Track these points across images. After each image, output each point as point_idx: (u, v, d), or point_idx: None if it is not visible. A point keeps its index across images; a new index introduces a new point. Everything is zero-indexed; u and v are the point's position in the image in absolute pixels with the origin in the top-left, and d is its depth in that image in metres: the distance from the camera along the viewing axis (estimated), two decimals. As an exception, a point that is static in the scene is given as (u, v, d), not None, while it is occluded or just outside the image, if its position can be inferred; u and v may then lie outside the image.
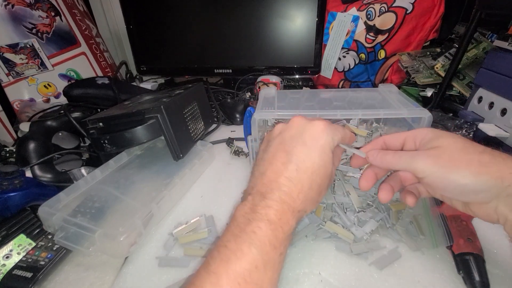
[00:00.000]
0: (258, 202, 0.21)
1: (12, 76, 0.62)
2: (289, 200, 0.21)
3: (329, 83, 0.68)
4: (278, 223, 0.20)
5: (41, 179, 0.39)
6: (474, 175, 0.19)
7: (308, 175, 0.22)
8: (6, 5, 0.58)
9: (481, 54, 0.50)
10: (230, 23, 0.64)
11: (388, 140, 0.26)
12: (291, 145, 0.23)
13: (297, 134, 0.24)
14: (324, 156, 0.23)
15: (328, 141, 0.23)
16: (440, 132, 0.22)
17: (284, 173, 0.22)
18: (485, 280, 0.24)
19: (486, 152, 0.20)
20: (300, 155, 0.22)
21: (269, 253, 0.19)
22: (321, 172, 0.23)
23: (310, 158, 0.22)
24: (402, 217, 0.30)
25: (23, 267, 0.28)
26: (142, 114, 0.36)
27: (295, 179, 0.22)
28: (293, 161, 0.22)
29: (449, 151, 0.20)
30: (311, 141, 0.23)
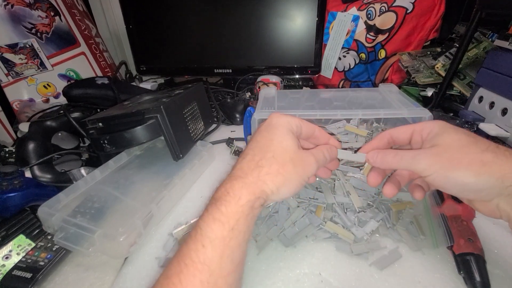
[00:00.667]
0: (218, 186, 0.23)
1: (11, 76, 0.62)
2: (238, 172, 0.22)
3: (329, 83, 0.68)
4: (223, 197, 0.21)
5: (40, 179, 0.39)
6: (475, 175, 0.19)
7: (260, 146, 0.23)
8: (6, 5, 0.57)
9: (481, 53, 0.50)
10: (230, 23, 0.64)
11: (395, 134, 0.25)
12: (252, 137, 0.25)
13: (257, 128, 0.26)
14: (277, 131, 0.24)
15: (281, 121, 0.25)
16: (446, 127, 0.22)
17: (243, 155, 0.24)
18: (485, 281, 0.24)
19: (489, 150, 0.19)
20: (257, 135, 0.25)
21: (215, 230, 0.20)
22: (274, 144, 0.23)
23: (262, 135, 0.24)
24: (402, 217, 0.30)
25: (23, 268, 0.28)
26: (142, 114, 0.36)
27: (247, 154, 0.23)
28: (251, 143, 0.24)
29: (452, 149, 0.20)
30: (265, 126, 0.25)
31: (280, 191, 0.22)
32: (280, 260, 0.28)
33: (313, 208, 0.32)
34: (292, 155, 0.23)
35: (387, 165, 0.24)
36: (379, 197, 0.32)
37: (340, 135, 0.37)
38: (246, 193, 0.21)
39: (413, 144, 0.24)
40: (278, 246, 0.29)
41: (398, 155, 0.23)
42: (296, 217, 0.31)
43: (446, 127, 0.22)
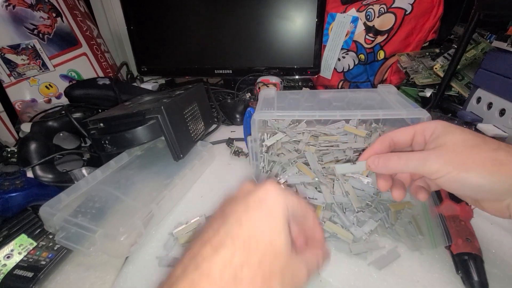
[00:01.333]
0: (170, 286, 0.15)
1: (13, 77, 0.62)
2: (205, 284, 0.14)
3: (328, 84, 0.68)
4: None
5: (42, 179, 0.39)
6: (489, 174, 0.18)
7: (243, 241, 0.16)
8: (7, 6, 0.58)
9: (479, 54, 0.50)
10: (230, 24, 0.65)
11: (396, 136, 0.24)
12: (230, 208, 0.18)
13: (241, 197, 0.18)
14: (271, 221, 0.17)
15: (280, 204, 0.17)
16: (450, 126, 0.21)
17: (211, 241, 0.16)
18: (483, 280, 0.24)
19: (501, 148, 0.18)
20: (237, 218, 0.17)
21: None
22: (264, 241, 0.16)
23: (250, 220, 0.17)
24: (401, 217, 0.31)
25: (24, 267, 0.28)
26: (143, 114, 0.36)
27: (223, 247, 0.15)
28: (227, 224, 0.16)
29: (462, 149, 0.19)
30: (255, 202, 0.17)
31: None
32: (279, 259, 0.28)
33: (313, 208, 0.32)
34: (283, 264, 0.16)
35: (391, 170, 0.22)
36: (378, 197, 0.33)
37: (339, 136, 0.37)
38: None
39: (414, 145, 0.23)
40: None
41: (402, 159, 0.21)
42: None
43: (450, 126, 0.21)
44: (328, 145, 0.37)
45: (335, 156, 0.35)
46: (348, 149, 0.36)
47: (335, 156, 0.35)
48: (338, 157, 0.35)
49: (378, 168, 0.22)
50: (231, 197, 0.19)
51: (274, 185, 0.18)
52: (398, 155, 0.22)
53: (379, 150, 0.24)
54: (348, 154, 0.35)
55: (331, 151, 0.36)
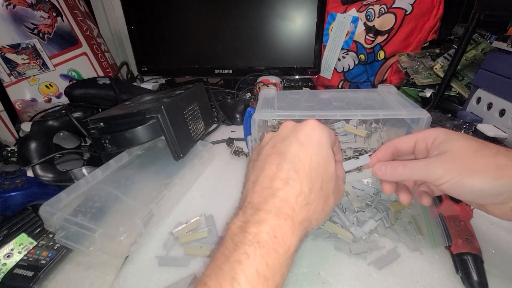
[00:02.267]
0: (249, 218, 0.18)
1: (14, 76, 0.62)
2: (286, 208, 0.18)
3: (328, 84, 0.69)
4: (271, 244, 0.16)
5: (42, 178, 0.39)
6: (492, 179, 0.19)
7: (306, 173, 0.19)
8: (8, 5, 0.58)
9: (480, 55, 0.50)
10: (231, 24, 0.65)
11: (399, 144, 0.25)
12: (283, 146, 0.21)
13: (289, 135, 0.22)
14: (322, 153, 0.21)
15: (325, 137, 0.21)
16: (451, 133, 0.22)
17: (278, 175, 0.19)
18: (483, 280, 0.24)
19: (500, 153, 0.19)
20: (295, 154, 0.20)
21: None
22: (321, 170, 0.20)
23: (307, 155, 0.20)
24: (401, 217, 0.31)
25: (24, 266, 0.28)
26: (143, 114, 0.36)
27: (291, 179, 0.19)
28: (287, 160, 0.20)
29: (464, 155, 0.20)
30: (306, 138, 0.21)
31: (316, 226, 0.20)
32: (279, 259, 0.28)
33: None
34: (334, 185, 0.21)
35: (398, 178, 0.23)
36: (378, 197, 0.33)
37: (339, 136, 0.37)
38: (296, 241, 0.18)
39: (417, 153, 0.24)
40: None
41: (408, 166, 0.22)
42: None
43: (451, 133, 0.22)
44: (328, 145, 0.37)
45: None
46: (348, 149, 0.35)
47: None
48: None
49: (385, 176, 0.23)
50: (278, 135, 0.23)
51: (316, 122, 0.22)
52: (404, 163, 0.22)
53: (382, 157, 0.25)
54: (348, 154, 0.35)
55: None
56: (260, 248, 0.16)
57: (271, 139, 0.23)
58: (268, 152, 0.21)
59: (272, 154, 0.21)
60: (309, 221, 0.19)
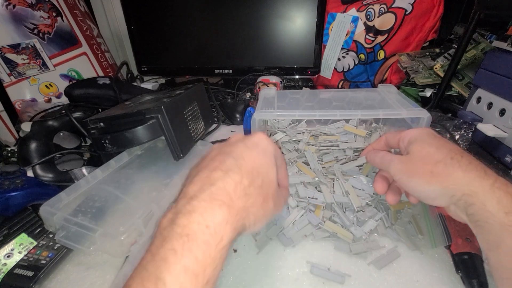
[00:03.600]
0: (180, 208, 0.16)
1: (13, 76, 0.62)
2: (222, 195, 0.17)
3: (328, 84, 0.68)
4: (201, 236, 0.15)
5: (42, 178, 0.39)
6: (425, 184, 0.21)
7: (248, 170, 0.19)
8: (7, 5, 0.58)
9: (480, 54, 0.50)
10: (231, 24, 0.64)
11: (388, 138, 0.28)
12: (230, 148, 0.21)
13: (237, 141, 0.22)
14: (266, 158, 0.21)
15: (270, 147, 0.22)
16: (420, 136, 0.24)
17: (219, 167, 0.19)
18: (483, 280, 0.24)
19: (442, 162, 0.21)
20: (240, 153, 0.20)
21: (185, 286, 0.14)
22: (262, 172, 0.20)
23: (251, 156, 0.20)
24: (401, 217, 0.31)
25: (24, 266, 0.28)
26: (143, 114, 0.36)
27: (232, 171, 0.18)
28: (231, 157, 0.20)
29: (414, 159, 0.23)
30: (252, 144, 0.22)
31: (254, 227, 0.19)
32: (279, 259, 0.28)
33: (312, 207, 0.32)
34: (274, 191, 0.21)
35: (374, 164, 0.28)
36: (378, 196, 0.33)
37: (339, 135, 0.37)
38: (230, 231, 0.16)
39: (400, 149, 0.27)
40: (277, 245, 0.30)
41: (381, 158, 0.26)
42: (295, 216, 0.31)
43: (420, 135, 0.24)
44: (328, 144, 0.37)
45: (335, 155, 0.35)
46: (348, 148, 0.36)
47: (335, 156, 0.35)
48: (338, 156, 0.35)
49: (368, 159, 0.28)
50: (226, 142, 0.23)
51: (264, 134, 0.23)
52: (383, 154, 0.26)
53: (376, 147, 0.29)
54: (348, 154, 0.35)
55: (331, 150, 0.36)
56: (189, 241, 0.15)
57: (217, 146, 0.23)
58: (213, 154, 0.21)
59: (217, 155, 0.21)
60: (246, 213, 0.18)
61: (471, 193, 0.19)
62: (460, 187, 0.20)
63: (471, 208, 0.19)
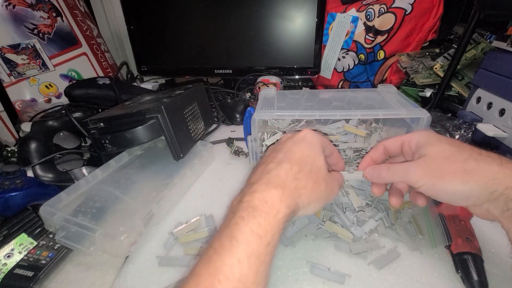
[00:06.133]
0: (245, 191, 0.21)
1: (13, 77, 0.62)
2: (276, 180, 0.21)
3: (328, 84, 0.69)
4: (262, 208, 0.20)
5: (42, 178, 0.39)
6: (460, 184, 0.20)
7: (296, 159, 0.23)
8: (7, 6, 0.58)
9: (479, 54, 0.50)
10: (230, 24, 0.64)
11: (388, 145, 0.27)
12: (280, 146, 0.25)
13: (286, 139, 0.26)
14: (312, 148, 0.24)
15: (316, 139, 0.25)
16: (431, 137, 0.23)
17: (273, 160, 0.23)
18: (483, 280, 0.24)
19: (471, 158, 0.20)
20: (288, 148, 0.24)
21: (252, 244, 0.18)
22: (310, 160, 0.23)
23: (299, 148, 0.24)
24: (401, 217, 0.31)
25: (25, 266, 0.28)
26: (143, 114, 0.36)
27: (283, 162, 0.23)
28: (281, 152, 0.24)
29: (438, 160, 0.22)
30: (299, 139, 0.25)
31: (309, 207, 0.23)
32: (279, 259, 0.28)
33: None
34: (324, 175, 0.24)
35: (383, 180, 0.26)
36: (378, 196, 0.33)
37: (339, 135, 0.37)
38: (284, 207, 0.20)
39: (404, 154, 0.26)
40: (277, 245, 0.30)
41: (391, 170, 0.24)
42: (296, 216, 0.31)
43: (431, 137, 0.23)
44: (328, 144, 0.37)
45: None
46: (348, 148, 0.35)
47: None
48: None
49: (372, 178, 0.26)
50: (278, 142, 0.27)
51: (310, 130, 0.26)
52: (388, 166, 0.25)
53: (374, 156, 0.27)
54: (348, 154, 0.35)
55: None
56: (253, 211, 0.19)
57: (272, 147, 0.27)
58: (268, 152, 0.26)
59: (271, 153, 0.25)
60: (298, 194, 0.22)
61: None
62: (501, 181, 0.19)
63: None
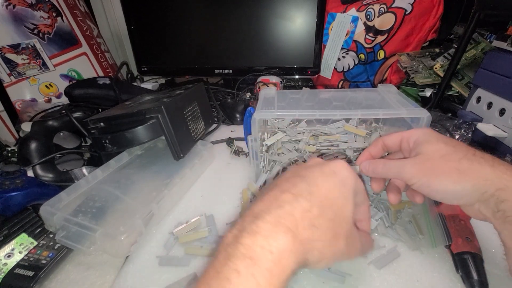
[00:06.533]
0: (245, 226, 0.16)
1: (14, 76, 0.62)
2: (288, 221, 0.16)
3: (328, 83, 0.69)
4: (265, 262, 0.15)
5: (42, 178, 0.39)
6: (453, 183, 0.20)
7: (320, 198, 0.18)
8: (8, 6, 0.58)
9: (479, 54, 0.50)
10: (230, 24, 0.64)
11: (387, 141, 0.26)
12: (305, 171, 0.20)
13: (314, 165, 0.21)
14: (343, 190, 0.19)
15: (351, 179, 0.20)
16: (429, 136, 0.23)
17: (290, 190, 0.18)
18: (483, 279, 0.24)
19: (465, 158, 0.20)
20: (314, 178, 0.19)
21: None
22: (336, 206, 0.18)
23: (326, 184, 0.19)
24: (401, 217, 0.31)
25: (25, 266, 0.28)
26: (143, 114, 0.36)
27: (302, 197, 0.17)
28: (304, 181, 0.19)
29: (432, 159, 0.21)
30: (330, 172, 0.20)
31: (319, 264, 0.18)
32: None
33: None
34: (348, 230, 0.19)
35: (378, 175, 0.25)
36: (378, 196, 0.33)
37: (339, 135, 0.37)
38: (293, 261, 0.16)
39: (402, 150, 0.25)
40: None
41: (386, 166, 0.24)
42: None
43: (429, 135, 0.23)
44: (328, 144, 0.37)
45: (335, 155, 0.35)
46: (348, 148, 0.36)
47: (335, 156, 0.35)
48: (338, 156, 0.35)
49: (368, 172, 0.25)
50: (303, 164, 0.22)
51: (346, 163, 0.21)
52: (384, 161, 0.24)
53: (373, 151, 0.27)
54: (348, 154, 0.35)
55: (331, 150, 0.36)
56: (253, 265, 0.14)
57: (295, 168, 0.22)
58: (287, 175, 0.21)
59: (292, 177, 0.20)
60: (311, 247, 0.17)
61: (505, 187, 0.18)
62: (492, 182, 0.19)
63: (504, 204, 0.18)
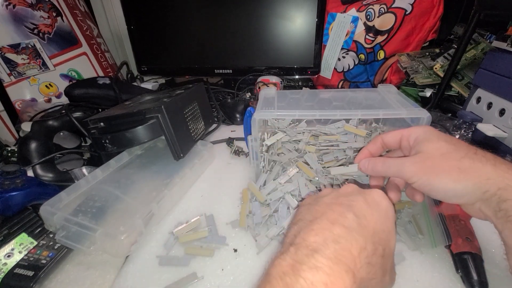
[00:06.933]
0: (303, 258, 0.16)
1: (14, 76, 0.62)
2: (348, 259, 0.16)
3: (328, 84, 0.69)
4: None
5: (42, 178, 0.39)
6: (454, 182, 0.20)
7: (370, 233, 0.18)
8: (8, 5, 0.58)
9: (479, 54, 0.50)
10: (231, 24, 0.65)
11: (386, 138, 0.26)
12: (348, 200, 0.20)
13: (355, 193, 0.21)
14: (388, 223, 0.19)
15: (392, 211, 0.20)
16: (430, 134, 0.23)
17: (341, 222, 0.17)
18: (483, 279, 0.24)
19: (467, 157, 0.20)
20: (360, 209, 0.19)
21: None
22: (384, 239, 0.18)
23: (373, 217, 0.18)
24: (401, 217, 0.31)
25: (25, 266, 0.28)
26: (143, 114, 0.36)
27: (355, 231, 0.17)
28: (352, 212, 0.18)
29: (433, 157, 0.21)
30: (373, 202, 0.20)
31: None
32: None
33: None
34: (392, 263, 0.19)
35: (377, 174, 0.25)
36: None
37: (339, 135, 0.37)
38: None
39: (402, 149, 0.25)
40: (277, 245, 0.30)
41: (386, 164, 0.24)
42: None
43: (429, 134, 0.23)
44: (328, 144, 0.37)
45: (335, 155, 0.35)
46: (348, 148, 0.36)
47: (335, 156, 0.35)
48: (338, 156, 0.35)
49: (368, 170, 0.25)
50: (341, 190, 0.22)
51: (383, 193, 0.21)
52: (384, 160, 0.24)
53: (372, 149, 0.27)
54: (348, 154, 0.35)
55: (331, 150, 0.36)
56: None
57: (332, 192, 0.22)
58: (329, 201, 0.20)
59: (335, 204, 0.20)
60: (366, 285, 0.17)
61: (507, 187, 0.18)
62: (494, 181, 0.18)
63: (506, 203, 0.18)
